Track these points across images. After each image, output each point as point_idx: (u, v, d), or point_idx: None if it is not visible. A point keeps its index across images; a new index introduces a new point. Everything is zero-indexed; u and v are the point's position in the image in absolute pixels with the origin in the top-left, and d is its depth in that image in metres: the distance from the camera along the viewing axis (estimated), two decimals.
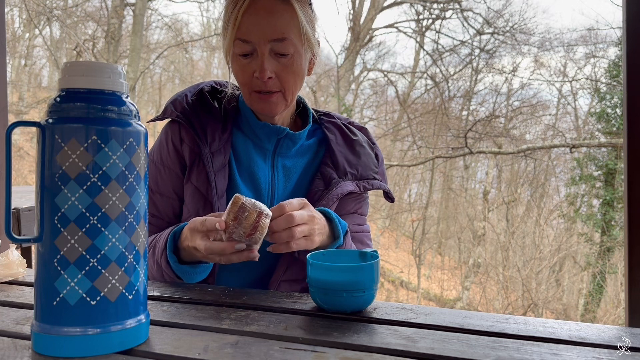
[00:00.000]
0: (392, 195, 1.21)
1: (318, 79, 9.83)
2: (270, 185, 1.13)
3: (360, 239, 1.19)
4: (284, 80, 1.06)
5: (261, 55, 1.03)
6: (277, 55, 1.04)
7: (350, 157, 1.16)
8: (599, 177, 8.22)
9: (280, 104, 1.08)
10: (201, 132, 1.10)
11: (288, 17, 1.03)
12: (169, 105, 1.14)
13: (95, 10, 9.79)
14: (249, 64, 1.05)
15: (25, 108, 9.77)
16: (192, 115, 1.11)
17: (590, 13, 14.55)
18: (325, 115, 1.24)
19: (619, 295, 7.26)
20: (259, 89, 1.06)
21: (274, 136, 1.13)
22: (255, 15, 1.02)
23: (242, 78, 1.07)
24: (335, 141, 1.17)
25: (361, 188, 1.13)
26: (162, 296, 0.88)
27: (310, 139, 1.20)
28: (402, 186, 10.25)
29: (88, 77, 0.64)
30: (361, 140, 1.20)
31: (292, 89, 1.08)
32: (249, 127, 1.15)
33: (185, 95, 1.15)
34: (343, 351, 0.65)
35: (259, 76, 1.03)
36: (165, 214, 1.15)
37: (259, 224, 0.85)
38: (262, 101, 1.07)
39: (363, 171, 1.15)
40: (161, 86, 11.09)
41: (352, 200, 1.18)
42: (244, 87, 1.08)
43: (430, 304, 8.98)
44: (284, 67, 1.05)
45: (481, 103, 9.68)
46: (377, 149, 1.23)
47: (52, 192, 0.61)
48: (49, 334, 0.61)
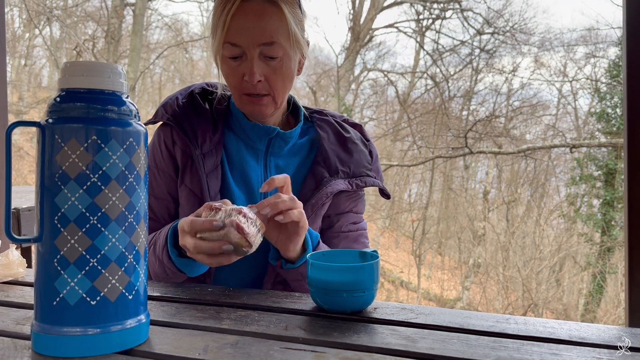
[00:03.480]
0: (387, 191, 1.20)
1: (318, 79, 9.84)
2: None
3: (356, 239, 1.18)
4: (273, 83, 1.06)
5: (250, 59, 1.03)
6: (267, 59, 1.05)
7: (342, 155, 1.15)
8: (599, 177, 8.22)
9: (270, 106, 1.09)
10: (192, 134, 1.10)
11: (277, 20, 1.04)
12: (160, 108, 1.15)
13: (95, 10, 9.80)
14: (239, 67, 1.05)
15: (25, 108, 9.77)
16: (182, 117, 1.12)
17: (590, 13, 14.55)
18: (318, 113, 1.24)
19: (619, 295, 7.26)
20: (248, 92, 1.06)
21: (265, 136, 1.13)
22: (244, 18, 1.02)
23: (232, 81, 1.07)
24: (327, 139, 1.17)
25: (354, 186, 1.13)
26: (162, 296, 0.88)
27: (303, 137, 1.19)
28: (402, 186, 10.25)
29: (88, 77, 0.63)
30: (354, 138, 1.19)
31: (281, 91, 1.08)
32: (240, 128, 1.15)
33: (176, 98, 1.16)
34: (343, 351, 0.65)
35: (248, 79, 1.04)
36: (161, 216, 1.15)
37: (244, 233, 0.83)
38: (252, 104, 1.08)
39: (355, 169, 1.15)
40: (161, 86, 11.09)
41: (347, 198, 1.17)
42: (234, 90, 1.09)
43: (431, 304, 8.98)
44: (273, 71, 1.05)
45: (481, 103, 9.68)
46: (372, 145, 1.22)
47: (52, 192, 0.61)
48: (49, 334, 0.61)
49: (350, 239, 1.17)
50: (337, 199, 1.16)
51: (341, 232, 1.16)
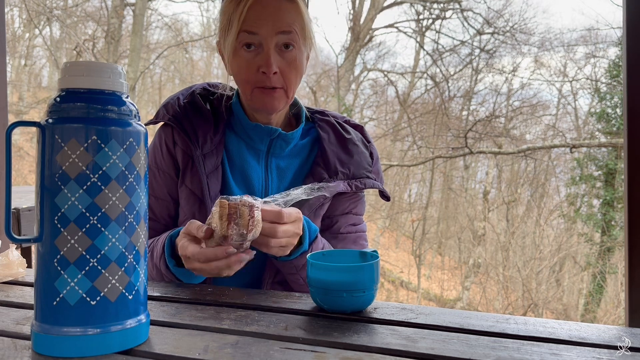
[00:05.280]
0: (387, 193, 1.20)
1: (318, 79, 9.83)
2: (264, 186, 1.13)
3: (355, 240, 1.18)
4: (287, 76, 1.06)
5: (267, 50, 1.04)
6: (282, 50, 1.05)
7: (342, 156, 1.15)
8: (599, 177, 8.22)
9: (282, 100, 1.08)
10: (193, 135, 1.10)
11: (293, 12, 1.06)
12: (162, 108, 1.15)
13: (95, 10, 9.79)
14: (254, 59, 1.05)
15: (25, 108, 9.77)
16: (183, 118, 1.12)
17: (590, 13, 14.54)
18: (319, 114, 1.24)
19: (619, 295, 7.26)
20: (262, 85, 1.06)
21: (266, 137, 1.13)
22: (262, 9, 1.03)
23: (246, 74, 1.06)
24: (327, 140, 1.17)
25: (353, 187, 1.13)
26: (162, 296, 0.88)
27: (304, 138, 1.19)
28: (402, 186, 10.25)
29: (88, 77, 0.64)
30: (354, 139, 1.19)
31: (293, 85, 1.09)
32: (241, 128, 1.15)
33: (177, 98, 1.16)
34: (343, 351, 0.65)
35: (265, 70, 1.04)
36: (162, 216, 1.15)
37: (253, 217, 0.84)
38: (265, 96, 1.07)
39: (355, 170, 1.14)
40: (161, 86, 11.09)
41: (346, 199, 1.17)
42: (246, 84, 1.08)
43: (431, 304, 8.98)
44: (287, 63, 1.06)
45: (481, 103, 9.68)
46: (373, 147, 1.21)
47: (52, 192, 0.61)
48: (49, 334, 0.61)
49: (349, 241, 1.17)
50: (337, 200, 1.16)
51: (340, 233, 1.16)
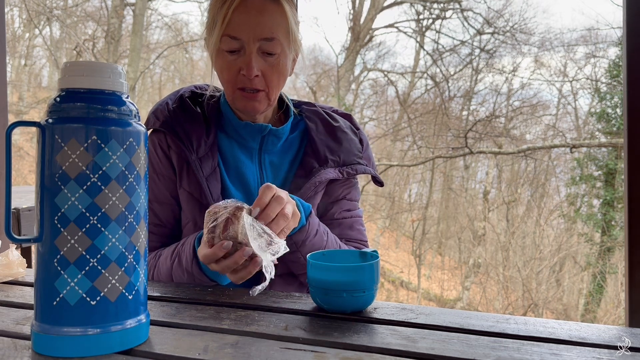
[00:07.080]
0: (379, 179, 1.21)
1: (318, 79, 9.83)
2: (259, 183, 1.13)
3: (351, 225, 1.18)
4: (269, 79, 1.06)
5: (249, 53, 1.04)
6: (265, 55, 1.05)
7: (331, 144, 1.16)
8: (599, 177, 8.21)
9: (264, 102, 1.09)
10: (186, 139, 1.10)
11: (278, 16, 1.05)
12: (151, 115, 1.15)
13: (95, 10, 9.79)
14: (235, 61, 1.05)
15: (25, 108, 9.76)
16: (174, 123, 1.11)
17: (590, 13, 14.52)
18: (307, 104, 1.24)
19: (619, 295, 7.25)
20: (243, 86, 1.06)
21: (257, 134, 1.13)
22: (246, 13, 1.03)
23: (227, 75, 1.07)
24: (315, 130, 1.17)
25: (344, 174, 1.13)
26: (162, 296, 0.88)
27: (294, 131, 1.20)
28: (402, 186, 10.24)
29: (88, 77, 0.64)
30: (343, 126, 1.20)
31: (275, 88, 1.09)
32: (232, 128, 1.15)
33: (166, 104, 1.15)
34: (343, 351, 0.65)
35: (245, 73, 1.04)
36: (167, 221, 1.15)
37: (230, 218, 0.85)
38: (246, 99, 1.08)
39: (346, 157, 1.15)
40: (161, 86, 11.08)
41: (339, 186, 1.18)
42: (228, 85, 1.08)
43: (431, 304, 8.98)
44: (270, 67, 1.06)
45: (481, 103, 9.67)
46: (362, 133, 1.23)
47: (52, 192, 0.61)
48: (49, 334, 0.61)
49: (345, 226, 1.17)
50: (330, 188, 1.17)
51: (334, 219, 1.17)
